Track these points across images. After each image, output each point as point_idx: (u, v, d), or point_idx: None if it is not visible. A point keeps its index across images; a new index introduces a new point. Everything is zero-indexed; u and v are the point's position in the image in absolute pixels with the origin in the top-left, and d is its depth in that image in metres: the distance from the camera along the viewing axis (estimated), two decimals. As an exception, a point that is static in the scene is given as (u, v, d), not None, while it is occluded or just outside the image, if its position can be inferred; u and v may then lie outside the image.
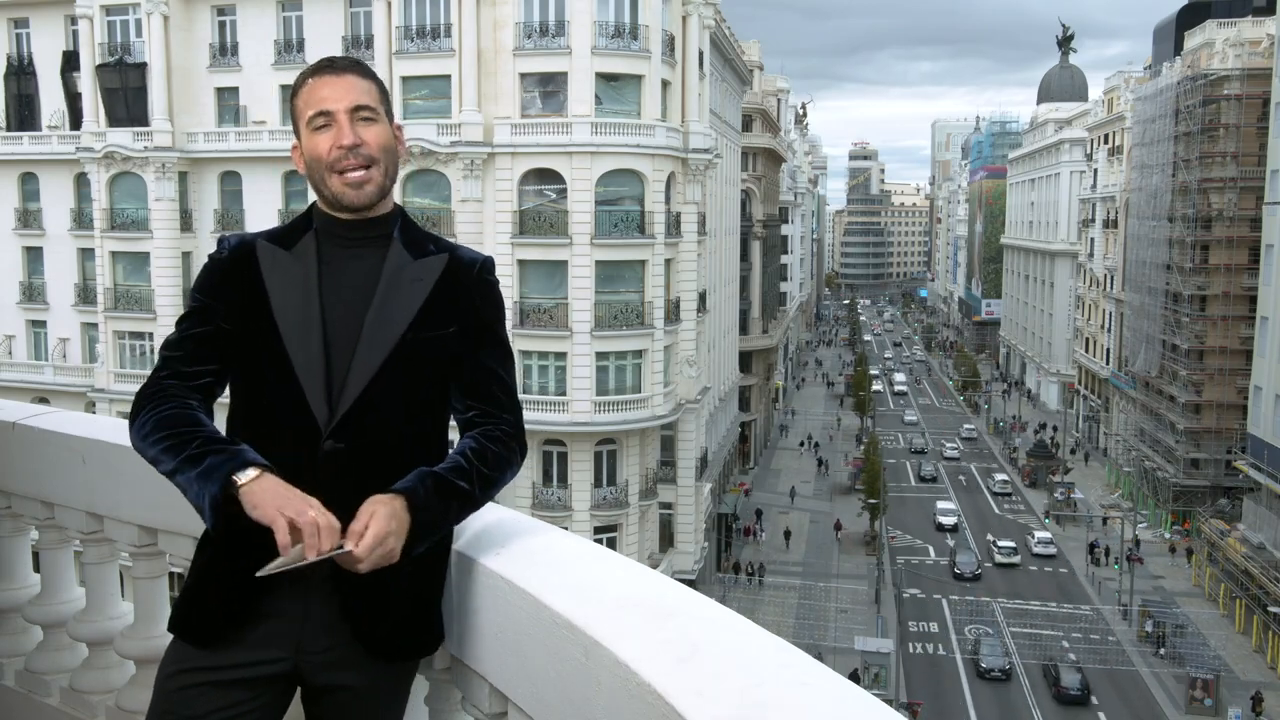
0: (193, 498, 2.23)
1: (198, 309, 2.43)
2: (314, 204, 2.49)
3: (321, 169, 2.35)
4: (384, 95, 2.42)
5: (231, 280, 2.41)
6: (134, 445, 2.35)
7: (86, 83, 42.44)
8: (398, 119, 2.57)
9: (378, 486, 2.27)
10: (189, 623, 2.37)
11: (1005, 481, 73.29)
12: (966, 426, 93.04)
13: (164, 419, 2.30)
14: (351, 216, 2.41)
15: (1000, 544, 58.57)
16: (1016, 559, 57.08)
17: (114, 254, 42.52)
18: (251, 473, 2.18)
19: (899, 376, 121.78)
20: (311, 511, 2.14)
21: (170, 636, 2.42)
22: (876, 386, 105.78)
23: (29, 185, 45.18)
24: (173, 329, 2.47)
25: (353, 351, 2.34)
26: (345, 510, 2.26)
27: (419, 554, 2.35)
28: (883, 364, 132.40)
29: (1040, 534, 60.75)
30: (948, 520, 62.81)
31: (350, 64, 2.41)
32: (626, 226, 37.96)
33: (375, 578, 2.31)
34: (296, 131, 2.42)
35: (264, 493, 2.16)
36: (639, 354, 38.55)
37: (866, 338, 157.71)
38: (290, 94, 2.45)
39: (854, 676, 36.63)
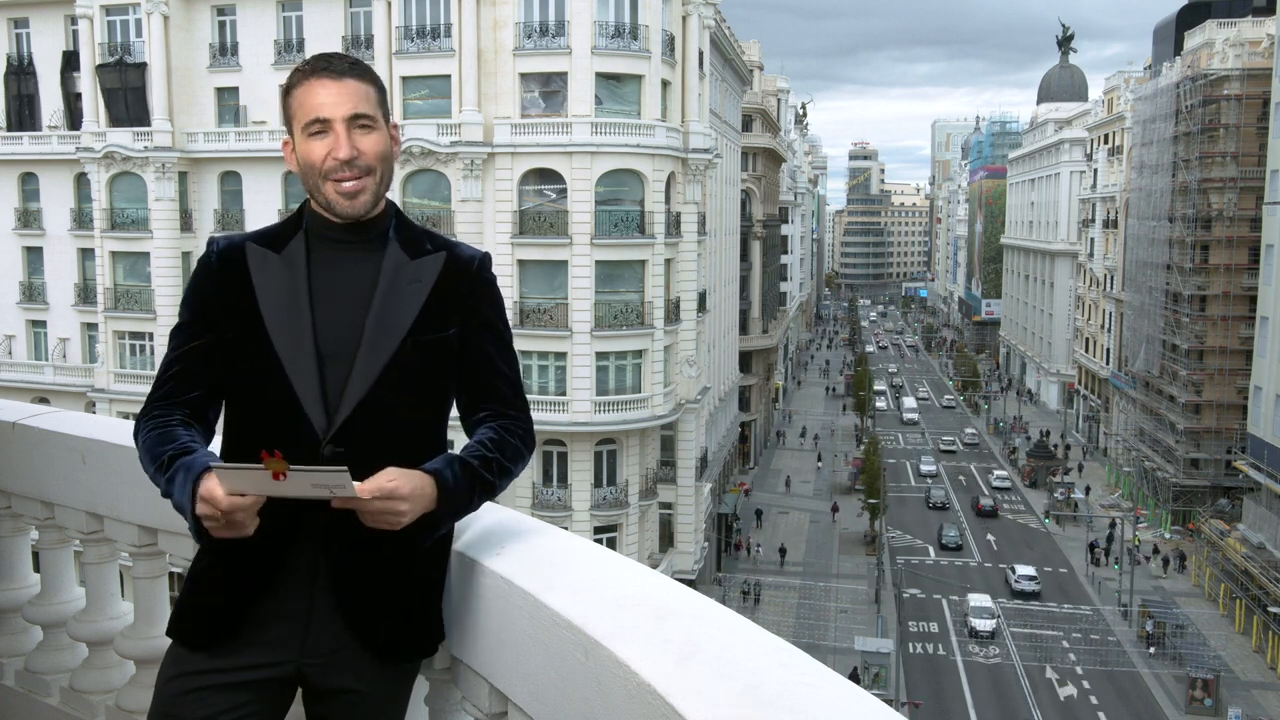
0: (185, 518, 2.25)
1: (188, 322, 2.40)
2: (306, 202, 2.43)
3: (315, 176, 2.30)
4: (382, 97, 2.35)
5: (221, 286, 2.37)
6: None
7: (86, 83, 42.42)
8: (396, 119, 2.53)
9: None
10: (187, 627, 2.36)
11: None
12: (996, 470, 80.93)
13: (146, 444, 2.32)
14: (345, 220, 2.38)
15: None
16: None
17: (114, 254, 42.50)
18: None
19: (908, 401, 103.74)
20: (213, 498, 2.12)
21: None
22: (880, 404, 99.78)
23: (29, 185, 45.15)
24: (168, 339, 2.46)
25: (352, 356, 2.30)
26: (348, 516, 2.25)
27: (422, 550, 2.35)
28: (889, 380, 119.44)
29: (999, 472, 73.08)
30: (984, 625, 47.63)
31: (349, 66, 2.31)
32: (626, 226, 37.94)
33: (378, 577, 2.32)
34: (290, 128, 2.34)
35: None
36: (639, 354, 38.54)
37: (870, 348, 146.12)
38: (284, 89, 2.33)
39: (854, 676, 36.61)
